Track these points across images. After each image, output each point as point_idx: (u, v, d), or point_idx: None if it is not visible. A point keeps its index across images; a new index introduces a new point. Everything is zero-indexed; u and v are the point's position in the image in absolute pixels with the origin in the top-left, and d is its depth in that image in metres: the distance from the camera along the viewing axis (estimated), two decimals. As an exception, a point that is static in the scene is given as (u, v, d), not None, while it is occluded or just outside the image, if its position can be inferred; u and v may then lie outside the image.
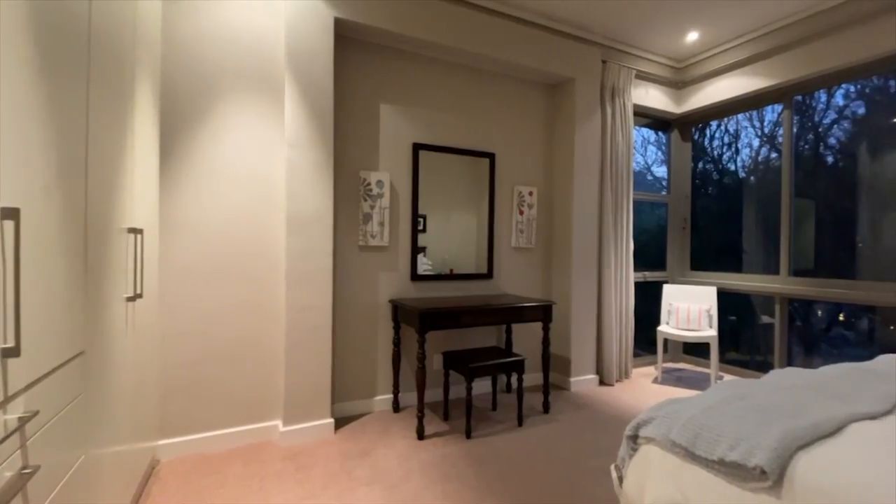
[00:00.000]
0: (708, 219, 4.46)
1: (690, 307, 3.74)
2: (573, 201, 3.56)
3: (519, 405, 2.82)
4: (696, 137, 4.53)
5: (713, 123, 4.37)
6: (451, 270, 3.32)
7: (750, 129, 4.12)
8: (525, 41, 3.31)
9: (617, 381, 3.77)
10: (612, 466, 1.61)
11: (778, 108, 3.76)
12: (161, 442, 2.31)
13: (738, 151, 4.27)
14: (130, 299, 1.70)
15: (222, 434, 2.44)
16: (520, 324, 3.43)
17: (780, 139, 3.74)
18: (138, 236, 1.78)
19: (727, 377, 3.84)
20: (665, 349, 4.09)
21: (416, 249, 3.14)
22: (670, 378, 3.92)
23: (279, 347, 2.57)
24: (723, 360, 4.07)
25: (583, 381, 3.60)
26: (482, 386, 3.43)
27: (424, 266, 3.20)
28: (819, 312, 3.70)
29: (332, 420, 2.62)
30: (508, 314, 2.94)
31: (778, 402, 1.39)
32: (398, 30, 2.82)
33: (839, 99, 3.50)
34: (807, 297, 3.51)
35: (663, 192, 4.56)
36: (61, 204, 1.09)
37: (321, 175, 2.59)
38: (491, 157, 3.43)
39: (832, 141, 3.60)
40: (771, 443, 1.15)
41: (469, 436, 2.62)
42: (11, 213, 0.83)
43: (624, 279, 3.81)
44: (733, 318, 4.19)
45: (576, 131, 3.56)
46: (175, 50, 2.34)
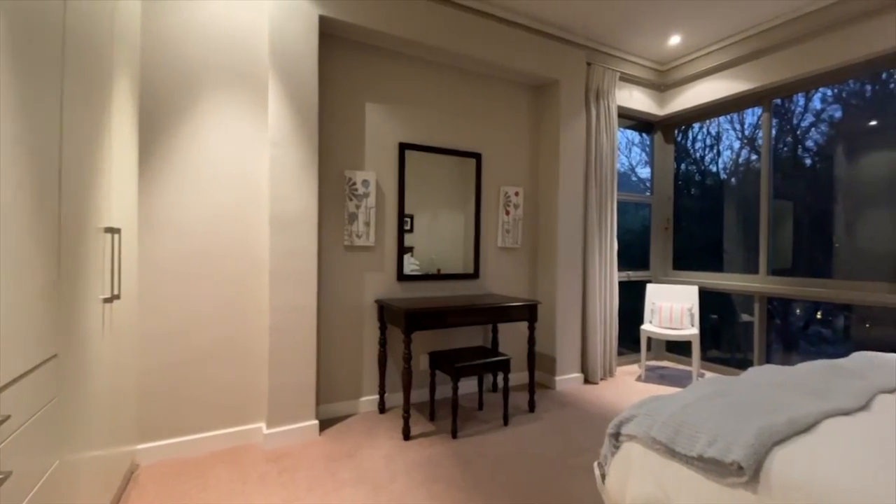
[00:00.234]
0: (690, 219, 4.54)
1: (673, 306, 3.80)
2: (559, 202, 3.59)
3: (505, 404, 2.83)
4: (678, 139, 4.60)
5: (695, 125, 4.45)
6: (439, 270, 3.31)
7: (731, 132, 4.20)
8: (511, 42, 3.32)
9: (601, 380, 3.81)
10: (595, 464, 1.63)
11: (757, 111, 3.84)
12: (141, 446, 2.27)
13: (719, 153, 4.36)
14: (107, 300, 1.66)
15: (204, 437, 2.40)
16: (506, 323, 3.44)
17: (759, 141, 3.82)
18: (116, 236, 1.74)
19: (708, 374, 3.91)
20: (648, 347, 4.15)
21: (403, 249, 3.13)
22: (653, 376, 3.98)
23: (263, 348, 2.54)
24: (704, 357, 4.14)
25: (568, 379, 3.63)
26: (469, 385, 3.43)
27: (412, 266, 3.20)
28: (798, 311, 3.79)
29: (316, 422, 2.60)
30: (494, 314, 2.95)
31: (755, 399, 1.42)
32: (384, 29, 2.81)
33: (817, 103, 3.59)
34: (785, 296, 3.59)
35: (647, 193, 4.62)
36: (33, 202, 1.06)
37: (305, 174, 2.56)
38: (477, 157, 3.44)
39: (810, 143, 3.69)
40: (748, 439, 1.17)
41: (455, 436, 2.62)
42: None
43: (608, 279, 3.85)
44: (715, 316, 4.27)
45: (561, 132, 3.59)
46: (156, 46, 2.29)
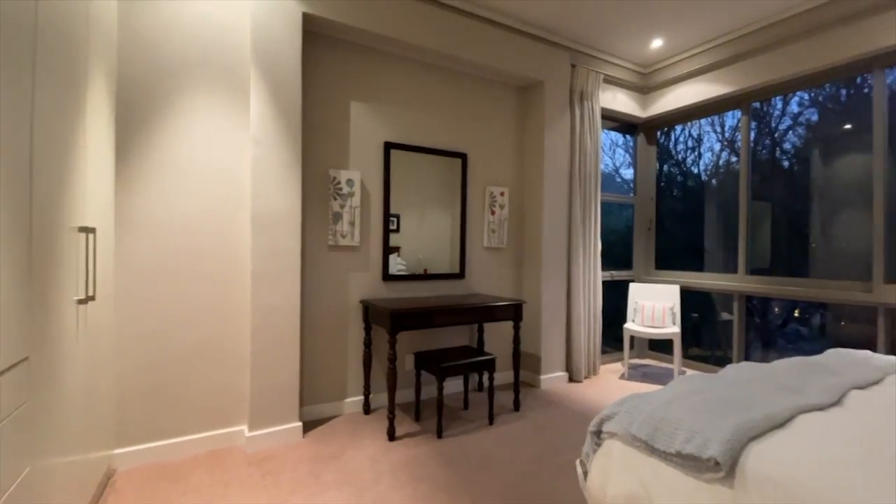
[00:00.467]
0: (672, 220, 4.61)
1: (655, 305, 3.86)
2: (543, 202, 3.62)
3: (490, 404, 2.84)
4: (661, 141, 4.67)
5: (678, 128, 4.52)
6: (426, 270, 3.31)
7: (712, 134, 4.28)
8: (496, 43, 3.33)
9: (585, 378, 3.85)
10: (578, 462, 1.64)
11: (737, 114, 3.92)
12: (118, 451, 2.21)
13: (700, 155, 4.44)
14: (82, 302, 1.62)
15: (184, 441, 2.36)
16: (491, 323, 3.46)
17: (739, 144, 3.90)
18: (90, 235, 1.70)
19: (689, 372, 3.98)
20: (631, 346, 4.21)
21: (388, 249, 3.12)
22: (636, 374, 4.04)
23: (244, 350, 2.50)
24: (686, 355, 4.21)
25: (553, 378, 3.66)
26: (454, 385, 3.44)
27: (398, 266, 3.19)
28: (776, 309, 3.88)
29: (300, 424, 2.57)
30: (480, 314, 2.96)
31: (732, 396, 1.45)
32: (368, 27, 2.79)
33: (794, 106, 3.68)
34: (763, 295, 3.68)
35: (630, 194, 4.69)
36: (1, 201, 1.03)
37: (288, 173, 2.54)
38: (463, 157, 3.44)
39: (787, 146, 3.78)
40: (724, 435, 1.19)
41: (440, 435, 2.62)
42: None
43: (592, 278, 3.89)
44: (695, 315, 4.34)
45: (545, 133, 3.61)
46: (134, 41, 2.24)
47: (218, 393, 2.45)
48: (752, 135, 3.83)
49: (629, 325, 3.91)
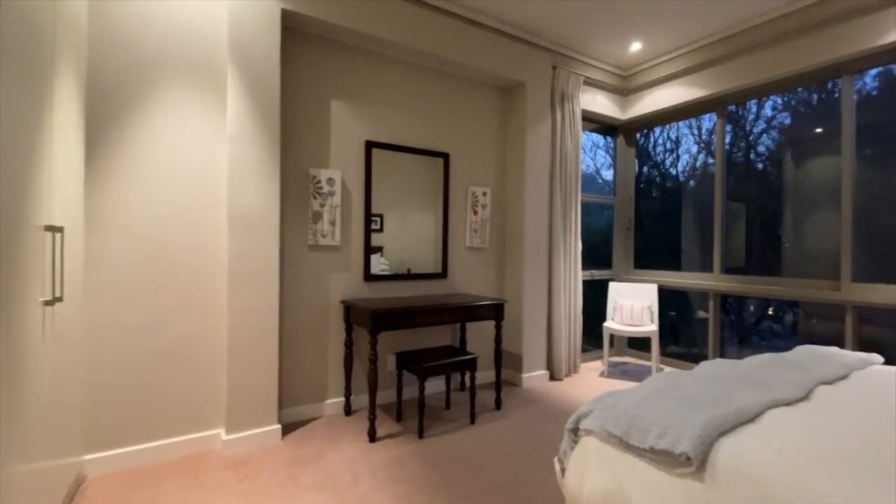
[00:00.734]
0: (651, 220, 4.70)
1: (634, 304, 3.92)
2: (525, 202, 3.64)
3: (471, 403, 2.84)
4: (640, 143, 4.75)
5: (657, 129, 4.60)
6: (409, 270, 3.30)
7: (689, 136, 4.37)
8: (478, 43, 3.34)
9: (566, 376, 3.89)
10: (556, 459, 1.66)
11: (713, 116, 4.01)
12: (88, 456, 2.15)
13: (678, 157, 4.53)
14: (48, 303, 1.57)
15: (158, 445, 2.30)
16: (474, 322, 3.47)
17: (715, 146, 3.99)
18: (57, 235, 1.64)
19: (667, 369, 4.05)
20: (611, 344, 4.27)
21: (370, 249, 3.10)
22: (616, 371, 4.10)
23: (221, 351, 2.45)
24: (664, 353, 4.29)
25: (534, 376, 3.69)
26: (437, 385, 3.44)
27: (381, 266, 3.17)
28: (752, 307, 3.99)
29: (279, 426, 2.54)
30: (461, 313, 2.96)
31: (704, 392, 1.49)
32: (349, 25, 2.77)
33: (768, 110, 3.78)
34: (737, 294, 3.77)
35: (610, 195, 4.75)
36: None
37: (266, 171, 2.50)
38: (445, 157, 3.44)
39: (761, 149, 3.88)
40: (696, 430, 1.22)
41: (421, 436, 2.61)
42: None
43: (573, 278, 3.94)
44: (673, 313, 4.43)
45: (527, 134, 3.64)
46: (106, 34, 2.18)
47: (193, 396, 2.40)
48: (728, 137, 3.92)
49: (609, 324, 3.96)
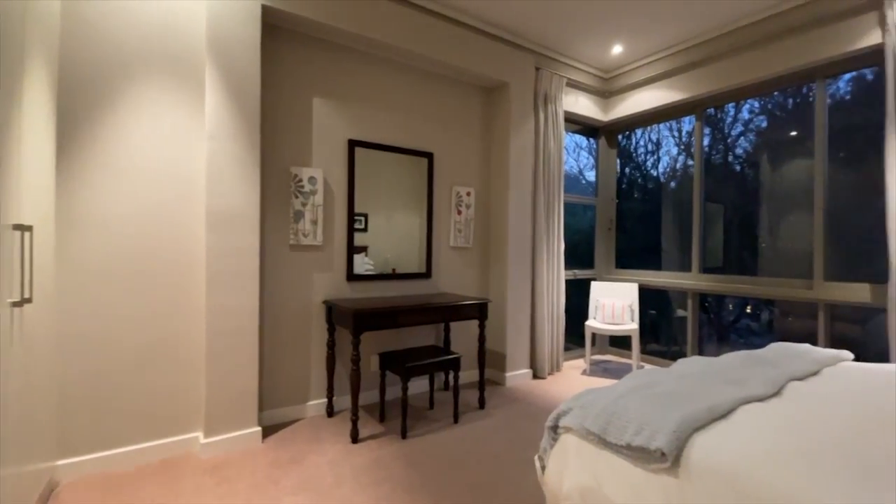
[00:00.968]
0: (632, 220, 4.77)
1: (615, 303, 3.98)
2: (509, 202, 3.66)
3: (455, 402, 2.85)
4: (622, 144, 4.82)
5: (638, 131, 4.67)
6: (394, 270, 3.29)
7: (670, 138, 4.45)
8: (462, 43, 3.35)
9: (549, 375, 3.92)
10: (536, 457, 1.67)
11: (693, 119, 4.08)
12: (61, 462, 2.09)
13: (659, 159, 4.60)
14: (16, 304, 1.52)
15: (134, 450, 2.25)
16: (458, 322, 3.47)
17: (695, 148, 4.07)
18: (26, 234, 1.59)
19: (647, 366, 4.11)
20: (593, 342, 4.32)
21: (353, 249, 3.08)
22: (598, 369, 4.15)
23: (199, 353, 2.41)
24: (644, 350, 4.36)
25: (517, 375, 3.71)
26: (421, 385, 3.43)
27: (366, 266, 3.15)
28: (730, 306, 4.08)
29: (259, 428, 2.50)
30: (445, 313, 2.96)
31: (680, 389, 1.52)
32: (331, 23, 2.75)
33: (745, 113, 3.87)
34: (714, 293, 3.85)
35: (593, 196, 4.81)
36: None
37: (245, 170, 2.46)
38: (429, 156, 3.44)
39: (739, 151, 3.97)
40: (670, 426, 1.24)
41: (405, 436, 2.61)
42: None
43: (556, 277, 3.97)
44: (653, 312, 4.51)
45: (511, 134, 3.66)
46: (78, 26, 2.11)
47: (170, 398, 2.35)
48: (707, 140, 4.01)
49: (591, 323, 4.01)
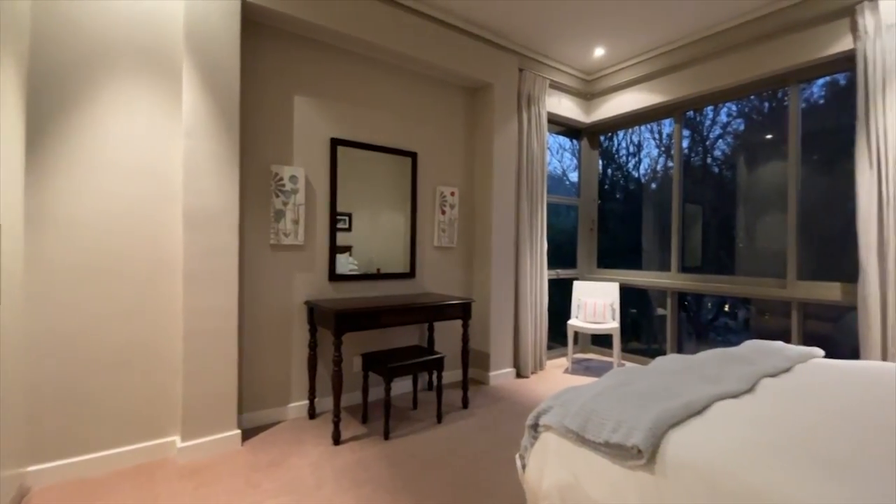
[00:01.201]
0: (614, 221, 4.84)
1: (597, 302, 4.03)
2: (492, 202, 3.68)
3: (438, 402, 2.85)
4: (605, 145, 4.88)
5: (620, 133, 4.74)
6: (379, 270, 3.27)
7: (651, 140, 4.52)
8: (446, 43, 3.35)
9: (532, 373, 3.95)
10: (517, 456, 1.68)
11: (673, 121, 4.16)
12: (32, 468, 2.02)
13: (640, 160, 4.68)
14: (-19, 306, 1.46)
15: (108, 455, 2.19)
16: (442, 322, 3.46)
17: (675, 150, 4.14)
18: (-9, 233, 1.54)
19: (628, 364, 4.17)
20: (575, 341, 4.37)
21: (336, 248, 3.05)
22: (580, 368, 4.20)
23: (176, 355, 2.36)
24: (625, 349, 4.42)
25: (501, 374, 3.73)
26: (404, 386, 3.42)
27: (350, 266, 3.12)
28: (709, 305, 4.16)
29: (238, 431, 2.46)
30: (428, 313, 2.96)
31: (657, 387, 1.54)
32: (314, 20, 2.72)
33: (724, 116, 3.95)
34: (693, 291, 3.93)
35: (576, 196, 4.86)
36: None
37: (224, 168, 2.42)
38: (413, 156, 3.43)
39: (717, 153, 4.06)
40: (646, 423, 1.26)
41: (387, 437, 2.59)
42: None
43: (539, 277, 4.00)
44: (634, 310, 4.58)
45: (494, 135, 3.68)
46: (51, 20, 2.05)
47: (146, 402, 2.30)
48: (686, 142, 4.08)
49: (573, 322, 4.05)
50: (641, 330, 4.61)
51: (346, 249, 3.12)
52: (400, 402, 3.20)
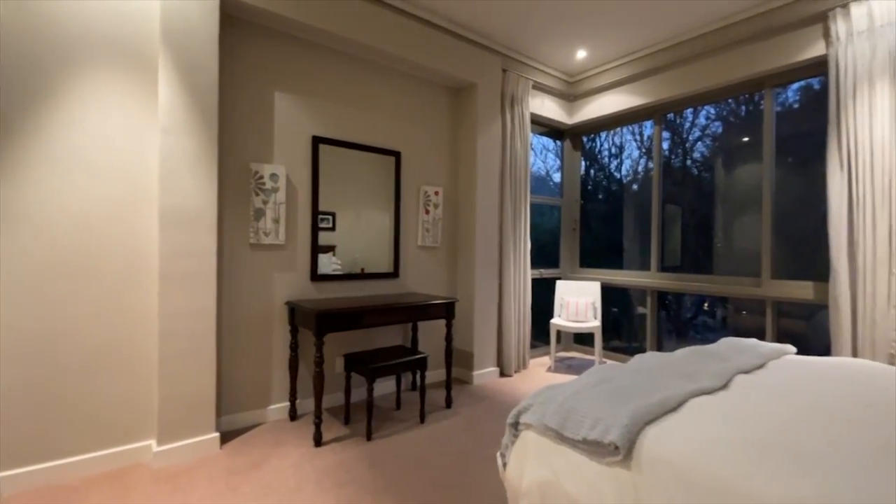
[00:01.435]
0: (596, 221, 4.90)
1: (579, 301, 4.07)
2: (476, 202, 3.69)
3: (421, 402, 2.84)
4: (587, 147, 4.94)
5: (602, 134, 4.80)
6: (363, 270, 3.25)
7: (632, 142, 4.59)
8: (431, 43, 3.34)
9: (516, 372, 3.98)
10: (498, 454, 1.69)
11: (653, 123, 4.23)
12: (1, 474, 1.95)
13: (622, 161, 4.74)
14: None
15: (81, 460, 2.13)
16: (426, 322, 3.46)
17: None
18: (-46, 232, 1.48)
19: (609, 362, 4.23)
20: (558, 340, 4.41)
21: (318, 248, 3.02)
22: (562, 366, 4.24)
23: (152, 357, 2.30)
24: (607, 347, 4.49)
25: (484, 373, 3.74)
26: (388, 386, 3.40)
27: (333, 266, 3.09)
28: (689, 303, 4.24)
29: (216, 434, 2.41)
30: (412, 312, 2.95)
31: (634, 384, 1.57)
32: (295, 17, 2.69)
33: (703, 119, 4.03)
34: (672, 290, 4.01)
35: (558, 197, 4.90)
36: None
37: (202, 165, 2.37)
38: (397, 155, 3.42)
39: (697, 155, 4.14)
40: (623, 420, 1.28)
41: (370, 438, 2.58)
42: None
43: (522, 276, 4.03)
44: (615, 309, 4.64)
45: (478, 135, 3.68)
46: (19, 10, 1.98)
47: (120, 405, 2.24)
48: (667, 144, 4.16)
49: (555, 320, 4.09)
50: (623, 328, 4.68)
51: (330, 249, 3.09)
52: (383, 403, 3.19)
